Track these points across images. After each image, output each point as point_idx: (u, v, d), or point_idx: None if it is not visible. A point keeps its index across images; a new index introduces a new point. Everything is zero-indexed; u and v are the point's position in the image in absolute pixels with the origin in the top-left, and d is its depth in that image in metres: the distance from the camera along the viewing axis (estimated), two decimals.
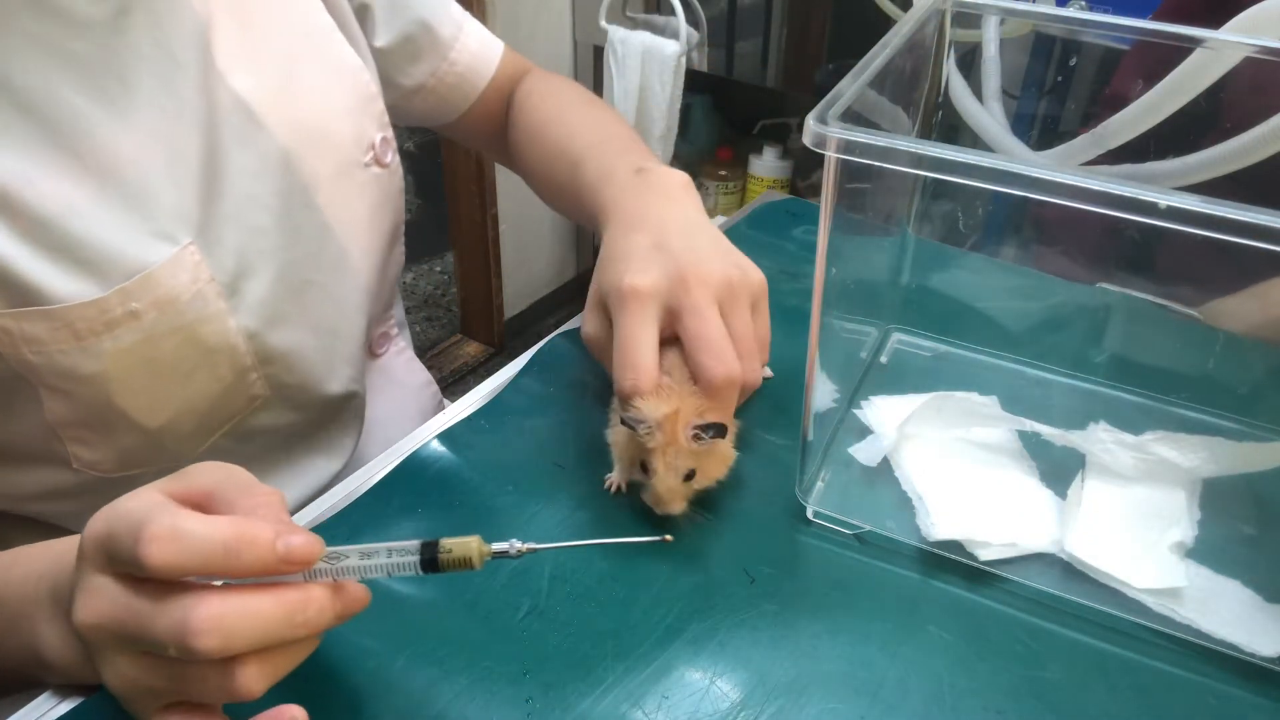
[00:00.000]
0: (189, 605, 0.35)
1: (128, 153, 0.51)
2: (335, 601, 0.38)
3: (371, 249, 0.67)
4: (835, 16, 1.71)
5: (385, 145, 0.67)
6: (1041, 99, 0.69)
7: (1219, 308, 0.65)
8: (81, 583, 0.39)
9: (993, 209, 0.73)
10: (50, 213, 0.48)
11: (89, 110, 0.50)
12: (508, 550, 0.40)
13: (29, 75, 0.48)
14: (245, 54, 0.57)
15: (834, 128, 0.42)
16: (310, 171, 0.60)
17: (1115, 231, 0.61)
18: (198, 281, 0.53)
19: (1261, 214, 0.36)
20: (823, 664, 0.47)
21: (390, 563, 0.39)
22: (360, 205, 0.65)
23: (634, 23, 1.91)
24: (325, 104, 0.62)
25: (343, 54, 0.65)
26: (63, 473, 0.56)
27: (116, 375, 0.52)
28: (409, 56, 0.74)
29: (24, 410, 0.53)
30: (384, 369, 0.78)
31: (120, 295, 0.50)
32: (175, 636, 0.35)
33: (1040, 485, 0.56)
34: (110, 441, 0.55)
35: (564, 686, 0.45)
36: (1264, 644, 0.47)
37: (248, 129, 0.57)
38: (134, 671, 0.38)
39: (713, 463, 0.52)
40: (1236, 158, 0.56)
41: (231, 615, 0.35)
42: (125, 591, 0.37)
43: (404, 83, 0.76)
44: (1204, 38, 0.56)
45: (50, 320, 0.49)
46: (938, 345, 0.69)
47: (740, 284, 0.53)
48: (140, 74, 0.51)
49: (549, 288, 2.43)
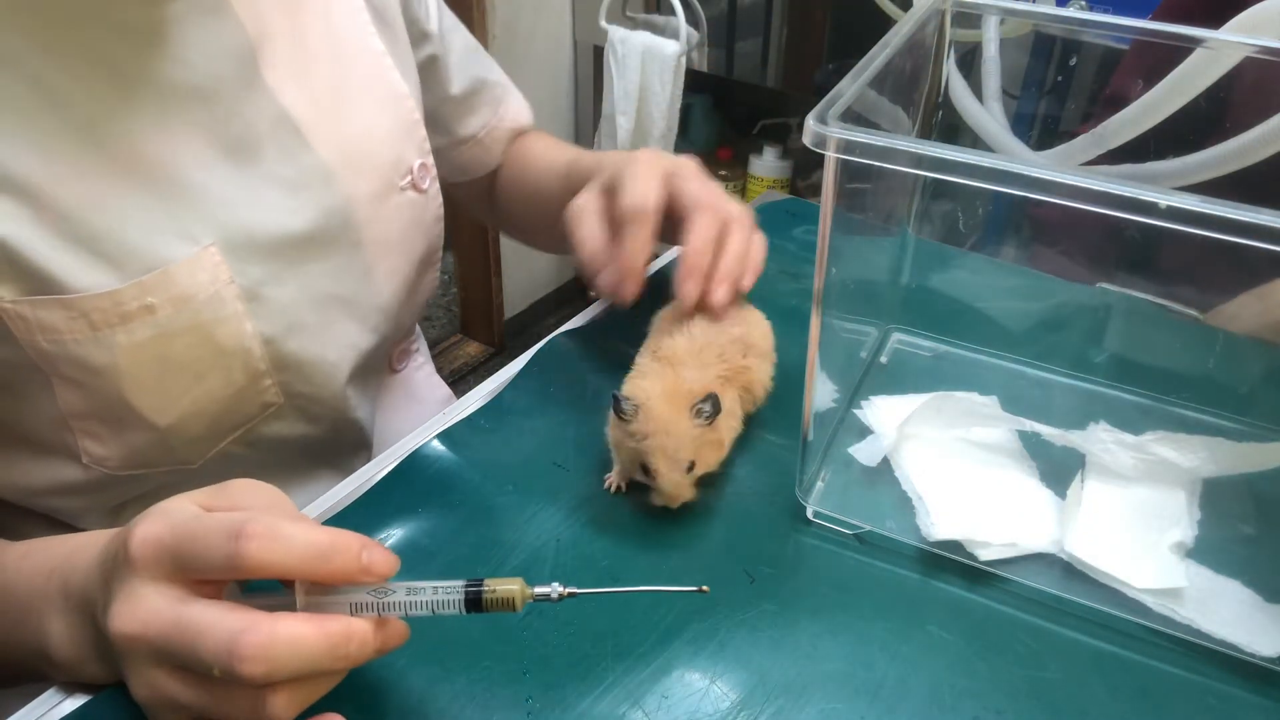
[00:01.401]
0: (239, 630, 0.35)
1: (159, 154, 0.52)
2: (377, 636, 0.38)
3: (397, 271, 0.67)
4: (835, 16, 1.71)
5: (424, 171, 0.68)
6: (1041, 99, 0.69)
7: (1221, 311, 0.65)
8: (123, 589, 0.38)
9: (993, 209, 0.73)
10: (75, 206, 0.49)
11: (123, 112, 0.51)
12: (549, 594, 0.41)
13: (65, 74, 0.49)
14: (297, 72, 0.59)
15: (834, 128, 0.42)
16: (349, 190, 0.61)
17: (1115, 231, 0.61)
18: (216, 283, 0.54)
19: (1261, 214, 0.36)
20: (823, 664, 0.47)
21: (435, 600, 0.40)
22: (393, 227, 0.66)
23: (634, 23, 1.91)
24: (370, 126, 0.64)
25: (391, 80, 0.66)
26: (72, 467, 0.57)
27: (128, 369, 0.53)
28: (469, 108, 0.80)
29: (37, 399, 0.54)
30: (403, 383, 0.79)
31: (137, 289, 0.51)
32: (222, 659, 0.35)
33: (1040, 485, 0.56)
34: (120, 437, 0.55)
35: (564, 686, 0.45)
36: (1264, 644, 0.47)
37: (292, 143, 0.58)
38: (167, 686, 0.38)
39: (709, 449, 0.52)
40: (1236, 158, 0.56)
41: (279, 644, 0.35)
42: (175, 605, 0.37)
43: (459, 131, 0.80)
44: (1204, 38, 0.56)
45: (67, 309, 0.50)
46: (938, 345, 0.69)
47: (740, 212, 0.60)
48: (179, 82, 0.52)
49: (549, 288, 2.43)
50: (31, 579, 0.46)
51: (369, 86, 0.65)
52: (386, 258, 0.66)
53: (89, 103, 0.49)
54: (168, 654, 0.38)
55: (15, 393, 0.54)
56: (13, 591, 0.47)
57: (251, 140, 0.56)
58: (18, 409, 0.55)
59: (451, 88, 0.77)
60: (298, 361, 0.60)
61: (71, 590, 0.44)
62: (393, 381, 0.78)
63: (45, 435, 0.56)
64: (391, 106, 0.66)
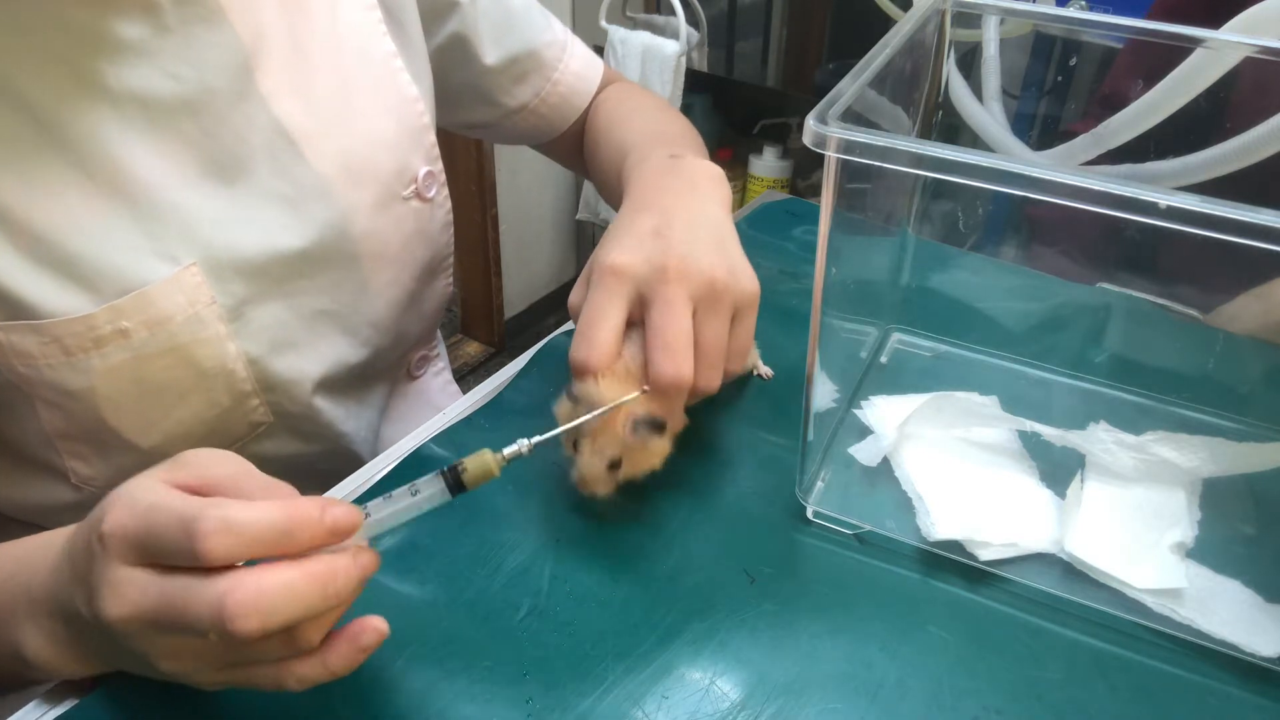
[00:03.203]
0: (225, 589, 0.35)
1: (142, 171, 0.50)
2: (354, 567, 0.38)
3: (395, 282, 0.65)
4: (835, 16, 1.71)
5: (429, 179, 0.66)
6: (1041, 99, 0.69)
7: (1221, 311, 0.65)
8: (105, 578, 0.38)
9: (993, 209, 0.73)
10: (50, 227, 0.48)
11: (105, 128, 0.49)
12: (520, 451, 0.42)
13: (47, 92, 0.47)
14: (296, 81, 0.57)
15: (834, 128, 0.42)
16: (346, 203, 0.59)
17: (1115, 231, 0.61)
18: (195, 304, 0.52)
19: (1261, 214, 0.36)
20: (823, 664, 0.47)
21: (419, 500, 0.41)
22: (393, 239, 0.64)
23: (634, 23, 1.91)
24: (373, 135, 0.61)
25: (399, 83, 0.64)
26: (62, 487, 0.56)
27: (105, 393, 0.52)
28: (514, 78, 0.74)
29: (24, 418, 0.53)
30: (420, 391, 0.77)
31: (110, 312, 0.50)
32: (214, 621, 0.35)
33: (1040, 485, 0.56)
34: (105, 458, 0.55)
35: (564, 687, 0.45)
36: (1264, 644, 0.47)
37: (285, 157, 0.56)
38: (183, 648, 0.38)
39: (643, 456, 0.50)
40: (1236, 158, 0.56)
41: (268, 595, 0.35)
42: (157, 580, 0.37)
43: (507, 103, 0.75)
44: (1204, 38, 0.56)
45: (39, 334, 0.49)
46: (938, 345, 0.69)
47: (725, 288, 0.50)
48: (166, 95, 0.51)
49: (549, 288, 2.43)
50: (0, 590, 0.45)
51: (375, 90, 0.62)
52: (384, 270, 0.64)
53: (68, 119, 0.48)
54: (163, 627, 0.37)
55: (3, 410, 0.53)
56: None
57: (242, 155, 0.54)
58: (9, 426, 0.54)
59: (486, 58, 0.72)
60: (286, 380, 0.58)
61: (36, 594, 0.43)
62: (410, 389, 0.76)
63: (35, 454, 0.55)
64: (398, 111, 0.63)
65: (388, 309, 0.65)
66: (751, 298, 0.52)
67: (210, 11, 0.52)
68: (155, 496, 0.38)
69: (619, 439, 0.49)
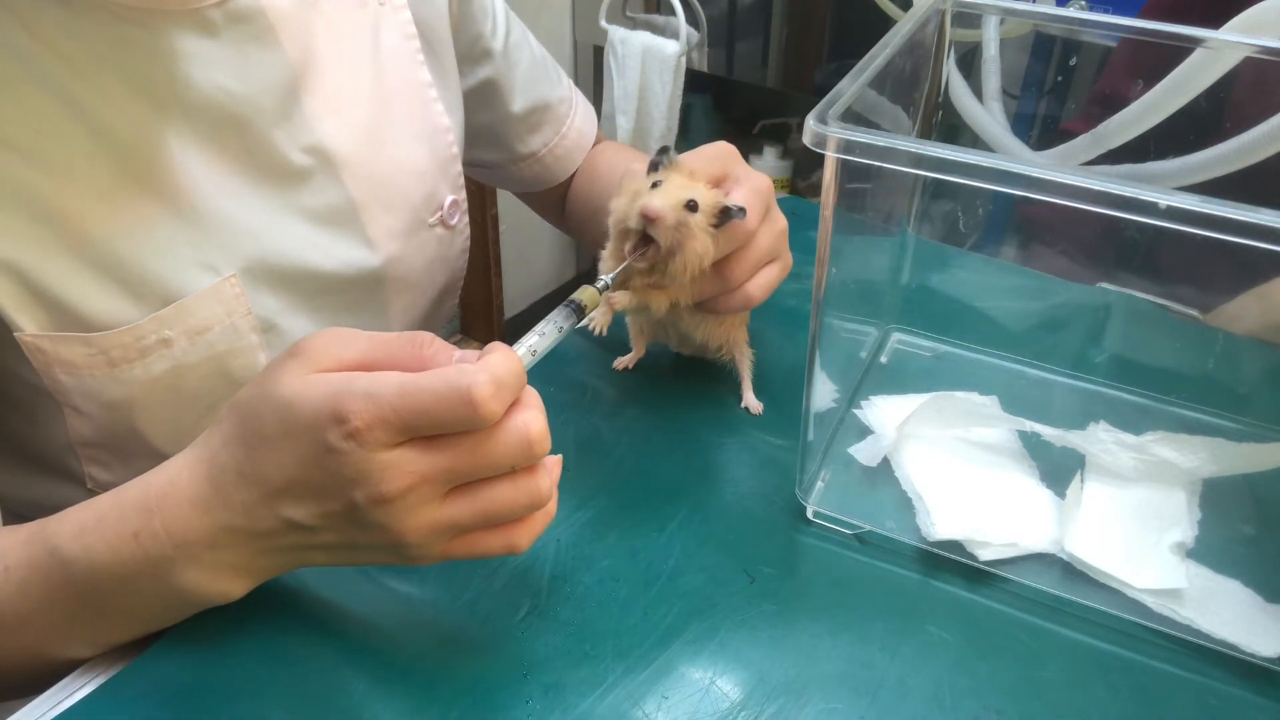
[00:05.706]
0: (525, 423, 0.40)
1: (190, 180, 0.52)
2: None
3: (413, 305, 0.67)
4: (835, 16, 1.70)
5: (454, 208, 0.68)
6: (1041, 99, 0.69)
7: (1222, 312, 0.65)
8: (367, 468, 0.38)
9: (993, 209, 0.73)
10: (101, 233, 0.49)
11: (157, 137, 0.50)
12: (606, 282, 0.52)
13: (103, 99, 0.48)
14: (338, 103, 0.58)
15: (834, 128, 0.42)
16: (377, 226, 0.61)
17: (1115, 231, 0.61)
18: (233, 315, 0.54)
19: (1261, 214, 0.36)
20: (823, 664, 0.47)
21: (565, 331, 0.49)
22: (416, 264, 0.66)
23: (634, 23, 1.91)
24: (406, 162, 0.63)
25: (433, 113, 0.66)
26: (78, 491, 0.56)
27: (142, 402, 0.53)
28: (531, 126, 0.77)
29: (47, 423, 0.53)
30: None
31: (154, 322, 0.51)
32: (522, 450, 0.40)
33: (1040, 485, 0.56)
34: (127, 465, 0.55)
35: (564, 687, 0.45)
36: (1264, 644, 0.47)
37: (324, 176, 0.58)
38: (440, 516, 0.40)
39: (694, 246, 0.51)
40: (1236, 158, 0.56)
41: (543, 423, 0.40)
42: (429, 449, 0.39)
43: (519, 149, 0.78)
44: (1204, 38, 0.56)
45: (88, 346, 0.50)
46: (938, 345, 0.69)
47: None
48: (216, 108, 0.52)
49: (549, 288, 2.43)
50: (117, 549, 0.43)
51: (410, 119, 0.64)
52: (405, 294, 0.66)
53: (124, 127, 0.49)
54: (454, 478, 0.40)
55: (26, 414, 0.53)
56: (99, 567, 0.43)
57: (284, 170, 0.56)
58: (28, 430, 0.54)
59: (513, 106, 0.75)
60: None
61: (188, 535, 0.42)
62: None
63: (52, 458, 0.55)
64: (430, 141, 0.65)
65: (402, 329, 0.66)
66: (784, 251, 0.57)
67: (262, 31, 0.53)
68: (392, 383, 0.38)
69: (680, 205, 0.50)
